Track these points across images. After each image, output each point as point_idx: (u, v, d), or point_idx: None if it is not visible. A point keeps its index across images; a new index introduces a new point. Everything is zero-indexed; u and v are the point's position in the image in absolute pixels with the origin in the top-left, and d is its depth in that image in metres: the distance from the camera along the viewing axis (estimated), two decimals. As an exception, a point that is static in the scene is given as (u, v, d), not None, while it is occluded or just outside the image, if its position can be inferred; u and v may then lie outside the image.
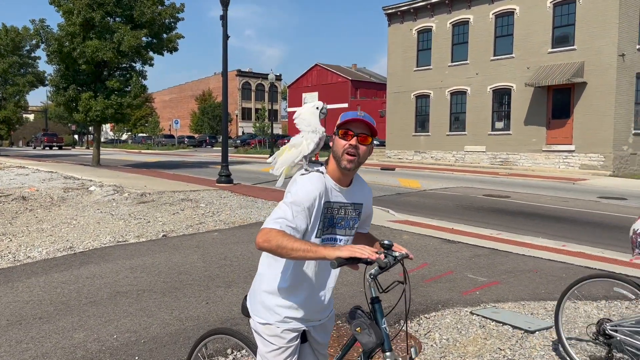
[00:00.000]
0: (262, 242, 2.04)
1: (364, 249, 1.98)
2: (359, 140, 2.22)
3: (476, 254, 7.40)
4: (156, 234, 8.71)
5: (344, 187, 2.29)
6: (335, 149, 2.24)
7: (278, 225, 2.07)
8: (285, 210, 2.12)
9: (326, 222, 2.25)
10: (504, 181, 19.31)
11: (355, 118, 2.23)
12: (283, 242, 1.99)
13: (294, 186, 2.22)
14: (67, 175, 17.19)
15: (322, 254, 1.99)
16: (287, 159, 2.36)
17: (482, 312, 5.07)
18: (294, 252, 1.99)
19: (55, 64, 22.08)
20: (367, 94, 62.75)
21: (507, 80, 26.17)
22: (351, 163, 2.21)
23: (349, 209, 2.31)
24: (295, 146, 2.35)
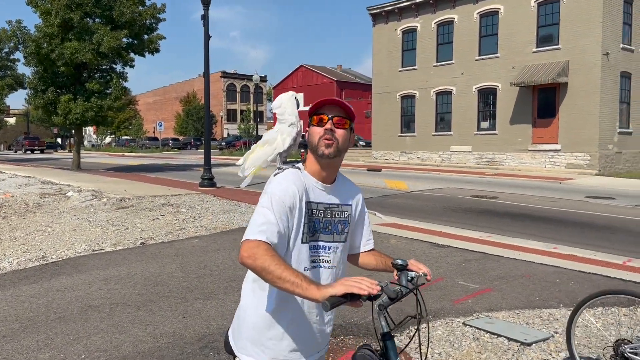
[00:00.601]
0: (247, 257, 1.73)
1: (361, 282, 1.65)
2: (335, 124, 1.94)
3: (466, 258, 7.17)
4: (134, 242, 8.36)
5: (327, 185, 2.00)
6: (311, 138, 1.96)
7: (264, 236, 1.76)
8: (267, 214, 1.81)
9: (311, 226, 1.95)
10: (490, 181, 19.18)
11: (327, 99, 1.95)
12: (270, 266, 1.68)
13: (269, 187, 1.93)
14: (45, 180, 16.70)
15: (312, 293, 1.65)
16: (259, 157, 2.05)
17: (475, 322, 4.82)
18: (279, 282, 1.68)
19: (33, 66, 21.52)
20: (353, 94, 62.57)
21: (492, 80, 26.11)
22: (329, 147, 1.92)
23: (336, 210, 2.02)
24: (269, 142, 2.04)
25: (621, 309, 5.05)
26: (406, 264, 2.04)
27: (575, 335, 3.92)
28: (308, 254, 1.96)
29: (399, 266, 2.04)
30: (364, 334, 4.59)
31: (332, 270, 2.05)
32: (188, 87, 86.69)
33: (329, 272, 2.04)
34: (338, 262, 2.07)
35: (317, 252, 2.00)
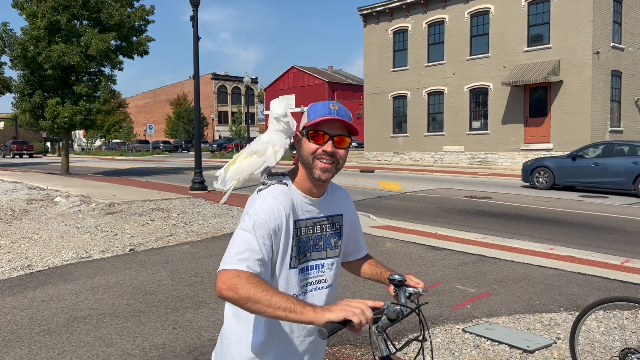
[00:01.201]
0: (226, 289, 1.50)
1: (363, 311, 1.47)
2: (336, 144, 1.73)
3: (463, 261, 7.03)
4: (123, 249, 8.15)
5: (317, 198, 1.80)
6: (304, 153, 1.74)
7: (244, 265, 1.54)
8: (249, 240, 1.59)
9: (300, 247, 1.75)
10: (484, 181, 19.10)
11: (330, 118, 1.71)
12: (256, 295, 1.48)
13: (251, 206, 1.70)
14: (32, 185, 16.41)
15: (308, 317, 1.47)
16: (245, 170, 1.82)
17: (475, 329, 4.67)
18: (270, 311, 1.48)
19: (19, 69, 21.19)
20: (344, 95, 62.50)
21: (484, 79, 26.09)
22: (326, 173, 1.72)
23: (326, 224, 1.83)
24: (258, 153, 1.80)
25: (623, 312, 4.93)
26: (404, 280, 1.86)
27: (579, 342, 3.79)
28: (297, 278, 1.77)
29: (396, 282, 1.86)
30: (361, 342, 4.43)
31: (329, 290, 1.88)
32: (178, 89, 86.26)
33: (325, 293, 1.86)
34: (334, 278, 1.90)
35: (307, 274, 1.81)
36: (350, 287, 5.80)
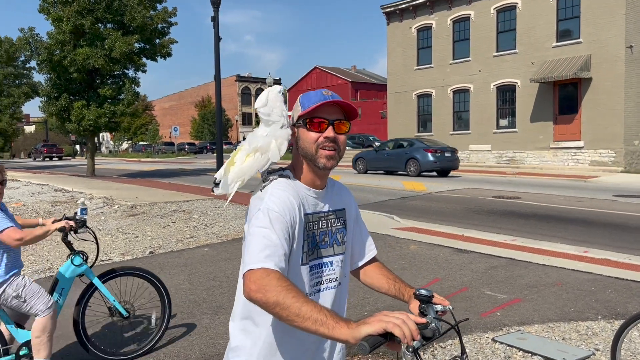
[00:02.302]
0: (256, 290, 1.38)
1: (404, 322, 1.30)
2: (336, 129, 1.64)
3: (492, 265, 6.71)
4: (143, 251, 8.06)
5: (320, 191, 1.71)
6: (305, 145, 1.65)
7: (272, 262, 1.43)
8: (268, 235, 1.48)
9: (309, 242, 1.65)
10: (512, 181, 18.61)
11: (326, 102, 1.61)
12: (286, 300, 1.34)
13: (261, 202, 1.57)
14: (57, 187, 16.57)
15: (341, 333, 1.29)
16: (249, 169, 1.65)
17: (506, 338, 4.39)
18: (298, 320, 1.33)
19: (45, 73, 21.49)
20: (368, 95, 62.14)
21: (511, 76, 25.48)
22: (332, 160, 1.64)
23: (331, 218, 1.73)
24: (261, 150, 1.64)
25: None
26: (432, 295, 1.67)
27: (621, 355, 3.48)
28: (309, 276, 1.64)
29: (424, 297, 1.65)
30: (383, 352, 4.19)
31: (338, 288, 1.75)
32: (203, 91, 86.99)
33: (333, 293, 1.72)
34: (343, 277, 1.77)
35: (321, 271, 1.69)
36: (354, 295, 5.55)
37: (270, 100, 1.65)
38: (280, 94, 1.66)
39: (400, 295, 1.78)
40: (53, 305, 3.60)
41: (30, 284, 3.57)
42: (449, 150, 20.62)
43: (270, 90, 1.67)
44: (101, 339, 4.43)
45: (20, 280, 3.54)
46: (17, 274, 3.57)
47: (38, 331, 3.50)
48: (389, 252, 7.48)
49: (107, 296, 4.07)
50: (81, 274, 3.93)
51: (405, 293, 1.76)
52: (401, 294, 1.78)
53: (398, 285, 1.80)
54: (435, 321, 1.49)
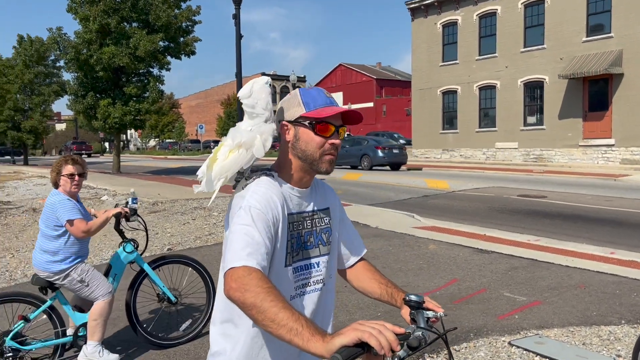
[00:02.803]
0: (235, 289, 1.33)
1: (381, 332, 1.21)
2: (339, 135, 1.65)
3: (513, 266, 6.53)
4: (162, 248, 8.12)
5: (304, 189, 1.67)
6: (307, 147, 1.59)
7: (254, 261, 1.38)
8: (251, 233, 1.43)
9: (294, 242, 1.60)
10: (539, 179, 18.20)
11: (339, 110, 1.61)
12: (263, 303, 1.28)
13: (242, 200, 1.52)
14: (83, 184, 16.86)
15: (315, 347, 1.22)
16: (233, 165, 1.58)
17: (523, 342, 4.24)
18: (272, 326, 1.26)
19: (73, 72, 21.91)
20: (393, 92, 61.70)
21: (539, 72, 24.93)
22: (332, 165, 1.63)
23: (316, 218, 1.69)
24: (245, 146, 1.58)
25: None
26: (422, 301, 1.58)
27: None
28: (294, 278, 1.59)
29: (413, 303, 1.57)
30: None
31: (324, 290, 1.69)
32: (229, 89, 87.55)
33: (319, 294, 1.67)
34: (328, 278, 1.71)
35: (308, 272, 1.64)
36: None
37: (255, 91, 1.59)
38: (266, 85, 1.60)
39: (392, 300, 1.70)
40: (112, 291, 3.84)
41: (92, 270, 3.84)
42: (397, 148, 23.75)
43: (255, 81, 1.60)
44: (150, 324, 4.56)
45: (84, 266, 3.80)
46: (82, 262, 3.82)
47: (96, 314, 3.72)
48: (407, 252, 7.35)
49: (156, 282, 4.30)
50: (132, 260, 4.17)
51: (397, 298, 1.69)
52: (394, 300, 1.70)
53: (390, 290, 1.73)
54: (419, 330, 1.40)
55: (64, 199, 3.69)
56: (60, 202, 3.67)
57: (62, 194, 3.73)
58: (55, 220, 3.67)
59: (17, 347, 3.65)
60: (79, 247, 3.80)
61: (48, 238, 3.70)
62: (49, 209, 3.71)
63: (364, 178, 19.81)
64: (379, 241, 8.10)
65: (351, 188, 16.40)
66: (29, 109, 36.15)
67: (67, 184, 3.73)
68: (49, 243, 3.70)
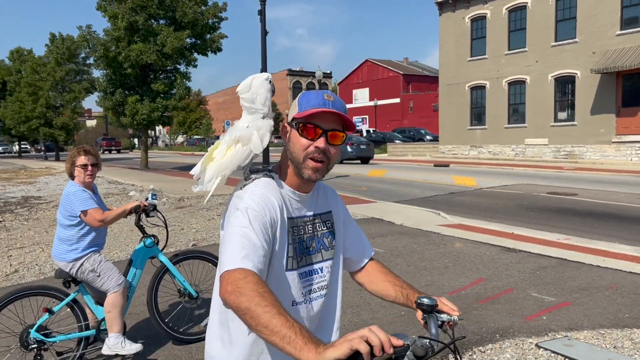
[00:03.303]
0: (231, 292, 1.29)
1: (363, 334, 1.15)
2: (329, 139, 1.51)
3: (541, 265, 6.36)
4: (186, 243, 8.16)
5: (305, 194, 1.61)
6: (294, 150, 1.54)
7: (250, 263, 1.34)
8: (247, 235, 1.39)
9: (296, 247, 1.56)
10: (569, 176, 17.77)
11: (324, 110, 1.48)
12: (257, 308, 1.23)
13: (239, 202, 1.48)
14: (111, 179, 17.14)
15: (308, 357, 1.15)
16: (230, 162, 1.54)
17: (551, 344, 4.11)
18: (265, 332, 1.21)
19: (102, 69, 22.29)
20: (420, 87, 61.12)
21: (571, 67, 24.32)
22: (317, 173, 1.53)
23: (317, 222, 1.65)
24: (242, 141, 1.54)
25: None
26: (435, 304, 1.49)
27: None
28: (299, 284, 1.55)
29: (425, 306, 1.49)
30: None
31: (328, 295, 1.64)
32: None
33: (322, 301, 1.62)
34: (333, 283, 1.67)
35: (311, 278, 1.59)
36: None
37: (254, 86, 1.55)
38: (266, 82, 1.55)
39: (408, 302, 1.63)
40: (123, 283, 3.83)
41: (105, 261, 3.84)
42: (364, 144, 25.86)
43: (256, 77, 1.55)
44: (171, 319, 4.60)
45: (97, 256, 3.82)
46: (96, 252, 3.85)
47: (109, 306, 3.75)
48: (432, 250, 7.24)
49: (177, 277, 4.31)
50: (153, 255, 4.19)
51: (413, 300, 1.61)
52: (409, 302, 1.62)
53: (406, 292, 1.65)
54: (420, 340, 1.31)
55: (78, 190, 3.74)
56: (74, 193, 3.72)
57: (78, 185, 3.78)
58: (70, 211, 3.72)
59: (42, 339, 3.70)
60: (95, 236, 3.83)
61: (64, 227, 3.76)
62: (64, 199, 3.77)
63: (390, 174, 19.66)
64: (404, 239, 8.00)
65: (376, 185, 16.29)
66: (61, 106, 36.97)
67: (81, 174, 3.77)
68: (64, 232, 3.76)
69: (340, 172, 20.55)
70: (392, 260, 6.71)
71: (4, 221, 10.56)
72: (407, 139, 39.18)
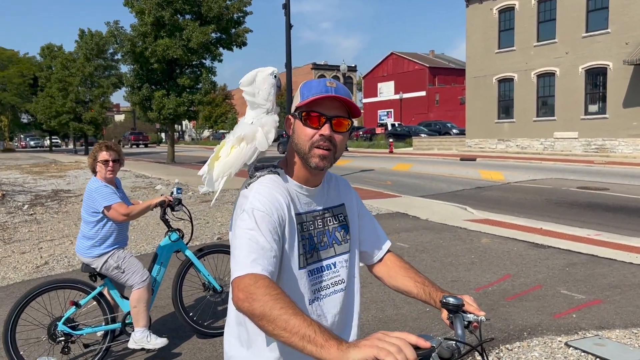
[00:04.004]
0: (243, 299, 1.25)
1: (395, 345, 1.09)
2: (334, 127, 1.47)
3: (571, 262, 6.21)
4: (212, 237, 8.23)
5: (313, 188, 1.57)
6: (298, 140, 1.49)
7: (259, 267, 1.30)
8: (255, 238, 1.35)
9: (306, 244, 1.51)
10: (600, 171, 17.34)
11: (325, 96, 1.43)
12: (273, 312, 1.20)
13: (245, 202, 1.44)
14: (138, 173, 17.39)
15: (329, 355, 1.11)
16: (235, 161, 1.50)
17: (581, 343, 4.00)
18: (285, 335, 1.18)
19: (129, 64, 22.59)
20: (446, 80, 60.37)
21: (602, 58, 23.68)
22: (324, 160, 1.48)
23: (328, 216, 1.60)
24: (247, 139, 1.49)
25: None
26: (461, 304, 1.44)
27: None
28: (309, 281, 1.51)
29: (451, 306, 1.43)
30: None
31: (346, 291, 1.60)
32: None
33: (341, 296, 1.58)
34: (350, 277, 1.62)
35: (322, 275, 1.54)
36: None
37: (257, 80, 1.51)
38: (271, 76, 1.51)
39: (431, 301, 1.57)
40: (148, 278, 3.86)
41: (129, 257, 3.87)
42: None
43: (260, 70, 1.52)
44: (196, 312, 4.65)
45: (121, 252, 3.84)
46: (119, 248, 3.88)
47: (135, 301, 3.79)
48: (458, 245, 7.14)
49: (202, 271, 4.33)
50: (177, 250, 4.22)
51: (436, 299, 1.55)
52: (432, 300, 1.57)
53: (428, 290, 1.59)
54: (446, 342, 1.27)
55: (100, 186, 3.75)
56: (97, 189, 3.73)
57: (100, 181, 3.79)
58: (92, 207, 3.74)
59: (69, 331, 3.75)
60: (117, 233, 3.84)
61: (87, 224, 3.78)
62: (87, 196, 3.78)
63: (415, 168, 19.48)
64: (429, 234, 7.91)
65: (401, 179, 16.16)
66: (90, 101, 37.68)
67: (103, 169, 3.79)
68: (88, 229, 3.78)
69: (365, 166, 20.46)
70: (417, 256, 6.64)
71: (35, 214, 10.80)
72: (432, 133, 38.77)
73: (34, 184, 16.34)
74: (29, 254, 7.51)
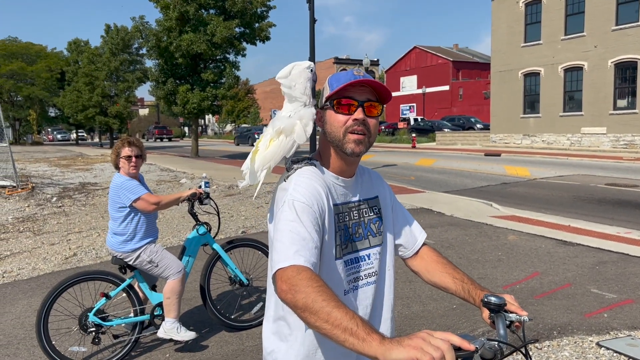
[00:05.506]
0: (287, 291, 1.24)
1: (440, 350, 1.05)
2: (366, 111, 1.48)
3: (601, 260, 6.09)
4: (236, 231, 8.28)
5: (349, 179, 1.57)
6: (332, 129, 1.50)
7: (301, 258, 1.29)
8: (296, 229, 1.34)
9: (341, 235, 1.51)
10: (629, 167, 16.95)
11: (356, 81, 1.45)
12: (315, 304, 1.18)
13: (285, 194, 1.43)
14: (163, 167, 17.58)
15: (371, 349, 1.08)
16: (275, 154, 1.48)
17: (613, 344, 3.92)
18: (327, 327, 1.15)
19: (154, 59, 22.82)
20: (470, 74, 59.63)
21: (633, 52, 23.10)
22: (360, 145, 1.49)
23: (363, 208, 1.60)
24: (285, 132, 1.48)
25: None
26: (503, 303, 1.39)
27: None
28: (345, 272, 1.50)
29: (493, 306, 1.39)
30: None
31: (379, 283, 1.60)
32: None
33: (373, 288, 1.59)
34: (384, 270, 1.62)
35: (357, 266, 1.54)
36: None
37: (293, 74, 1.49)
38: (307, 70, 1.49)
39: (470, 299, 1.54)
40: (182, 270, 3.92)
41: (161, 251, 3.92)
42: None
43: (297, 64, 1.50)
44: (223, 305, 4.71)
45: (153, 247, 3.89)
46: (151, 242, 3.92)
47: (168, 292, 3.85)
48: (484, 242, 7.05)
49: (229, 265, 4.37)
50: (205, 243, 4.26)
51: (475, 297, 1.52)
52: (471, 298, 1.53)
53: (467, 287, 1.56)
54: (488, 343, 1.24)
55: (125, 181, 3.79)
56: (122, 184, 3.77)
57: (124, 176, 3.84)
58: (119, 202, 3.77)
59: (99, 322, 3.82)
60: (147, 226, 3.88)
61: (115, 220, 3.82)
62: (113, 192, 3.82)
63: (439, 164, 19.31)
64: (454, 230, 7.83)
65: (425, 174, 16.04)
66: (115, 95, 38.21)
67: (125, 165, 3.83)
68: (116, 225, 3.82)
69: (388, 161, 20.36)
70: (443, 252, 6.57)
71: (63, 206, 11.01)
72: (456, 128, 38.37)
73: (61, 177, 16.65)
74: (58, 245, 7.65)
